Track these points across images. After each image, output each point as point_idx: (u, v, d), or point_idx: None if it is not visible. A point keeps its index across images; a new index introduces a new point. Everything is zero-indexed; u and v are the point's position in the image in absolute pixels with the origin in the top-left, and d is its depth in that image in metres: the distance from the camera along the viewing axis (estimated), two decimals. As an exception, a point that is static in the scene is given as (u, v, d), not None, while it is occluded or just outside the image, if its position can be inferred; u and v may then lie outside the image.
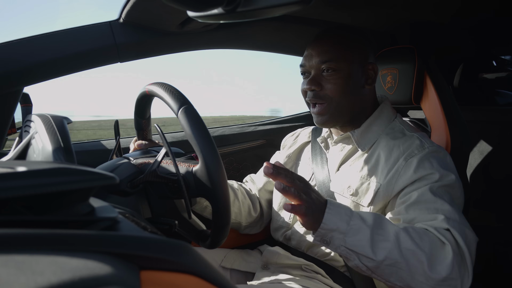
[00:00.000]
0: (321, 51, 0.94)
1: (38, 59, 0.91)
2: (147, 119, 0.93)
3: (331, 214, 0.72)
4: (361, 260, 0.73)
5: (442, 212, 0.79)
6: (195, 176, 0.71)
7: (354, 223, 0.73)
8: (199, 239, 0.80)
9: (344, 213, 0.74)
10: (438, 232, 0.75)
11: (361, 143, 0.97)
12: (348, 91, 0.94)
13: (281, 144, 1.24)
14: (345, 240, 0.72)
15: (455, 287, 0.73)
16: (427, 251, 0.72)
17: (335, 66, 0.93)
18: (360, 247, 0.72)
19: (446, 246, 0.74)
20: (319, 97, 0.95)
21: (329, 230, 0.72)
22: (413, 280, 0.72)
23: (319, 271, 0.95)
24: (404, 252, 0.72)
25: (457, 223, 0.77)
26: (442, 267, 0.72)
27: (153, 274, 0.31)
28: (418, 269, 0.72)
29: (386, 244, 0.72)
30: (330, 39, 0.96)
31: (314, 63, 0.95)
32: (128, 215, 0.50)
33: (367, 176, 0.92)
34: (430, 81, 1.14)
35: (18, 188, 0.31)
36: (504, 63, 2.00)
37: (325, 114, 0.96)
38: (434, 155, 0.88)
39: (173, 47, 1.14)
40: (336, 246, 0.74)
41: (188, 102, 0.71)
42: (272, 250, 1.04)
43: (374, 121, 0.98)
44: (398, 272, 0.72)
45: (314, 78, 0.95)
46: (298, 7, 0.42)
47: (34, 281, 0.22)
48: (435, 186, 0.83)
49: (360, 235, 0.72)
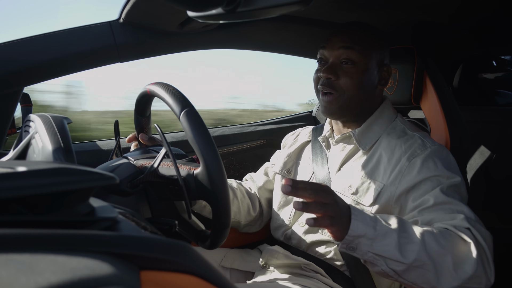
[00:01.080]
0: (345, 39, 0.93)
1: (38, 59, 0.91)
2: (147, 117, 0.93)
3: (357, 220, 0.70)
4: (388, 265, 0.72)
5: (460, 212, 0.79)
6: (196, 179, 0.71)
7: (380, 228, 0.71)
8: (198, 239, 0.80)
9: (369, 218, 0.72)
10: (459, 230, 0.75)
11: (362, 142, 0.97)
12: (362, 87, 0.94)
13: (282, 143, 1.24)
14: (372, 246, 0.71)
15: (480, 284, 0.73)
16: (452, 250, 0.72)
17: (356, 58, 0.92)
18: (388, 251, 0.71)
19: (469, 244, 0.74)
20: (332, 87, 0.94)
21: (356, 236, 0.70)
22: (439, 281, 0.71)
23: (318, 270, 0.95)
24: (430, 253, 0.71)
25: (475, 222, 0.78)
26: (467, 265, 0.72)
27: (153, 274, 0.31)
28: (444, 269, 0.71)
29: (413, 247, 0.71)
30: (356, 30, 0.96)
31: (335, 50, 0.94)
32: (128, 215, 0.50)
33: (368, 176, 0.92)
34: (429, 81, 1.14)
35: (18, 188, 0.31)
36: (504, 63, 2.00)
37: (333, 105, 0.95)
38: (437, 154, 0.88)
39: (173, 47, 1.14)
40: (363, 252, 0.72)
41: (190, 104, 0.71)
42: (271, 249, 1.04)
43: (375, 121, 0.99)
44: (425, 274, 0.71)
45: (332, 67, 0.94)
46: (298, 7, 0.42)
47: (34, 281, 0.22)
48: (444, 187, 0.83)
49: (388, 239, 0.71)
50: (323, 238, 0.97)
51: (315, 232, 0.99)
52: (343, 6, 1.07)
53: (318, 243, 0.98)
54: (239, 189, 1.15)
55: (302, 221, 1.02)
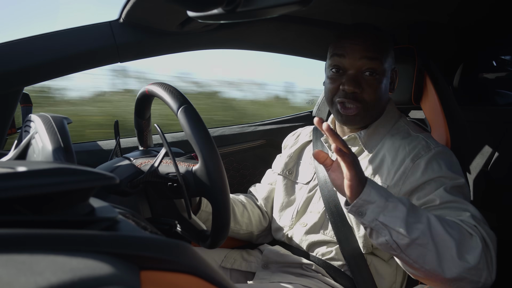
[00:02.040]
0: (368, 48, 0.89)
1: (38, 59, 0.91)
2: (147, 119, 0.93)
3: (372, 188, 0.73)
4: (392, 236, 0.73)
5: (466, 210, 0.80)
6: (195, 176, 0.71)
7: (392, 201, 0.73)
8: (199, 239, 0.80)
9: (383, 190, 0.74)
10: (466, 225, 0.76)
11: (368, 145, 0.97)
12: (381, 96, 0.93)
13: (282, 145, 1.24)
14: (380, 215, 0.73)
15: (480, 277, 0.73)
16: (456, 238, 0.72)
17: (377, 68, 0.90)
18: (395, 223, 0.72)
19: (474, 238, 0.74)
20: (357, 100, 0.90)
21: (367, 202, 0.72)
22: (440, 265, 0.72)
23: (319, 270, 0.95)
24: (434, 235, 0.72)
25: (481, 222, 0.78)
26: (471, 256, 0.72)
27: (153, 274, 0.31)
28: (446, 254, 0.72)
29: (419, 226, 0.72)
30: (374, 38, 0.91)
31: (357, 60, 0.89)
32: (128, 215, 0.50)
33: (372, 176, 0.92)
34: (430, 81, 1.14)
35: (18, 188, 0.31)
36: (504, 63, 2.00)
37: (356, 116, 0.93)
38: (441, 156, 0.88)
39: (173, 47, 1.14)
40: (370, 219, 0.73)
41: (187, 101, 0.71)
42: (272, 249, 1.04)
43: (381, 123, 0.98)
44: (427, 254, 0.72)
45: (355, 79, 0.90)
46: (298, 7, 0.42)
47: (34, 281, 0.22)
48: (448, 187, 0.83)
49: (397, 212, 0.72)
50: (324, 238, 0.97)
51: (316, 232, 0.99)
52: (343, 6, 1.07)
53: (319, 243, 0.98)
54: (247, 201, 1.14)
55: (304, 222, 1.02)
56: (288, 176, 1.12)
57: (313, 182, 1.04)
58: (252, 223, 1.12)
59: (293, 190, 1.10)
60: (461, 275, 0.72)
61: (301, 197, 1.05)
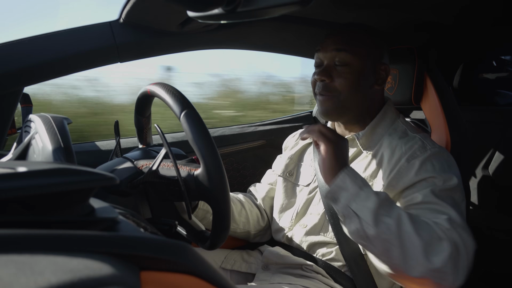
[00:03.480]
0: (337, 41, 0.94)
1: (38, 59, 0.91)
2: (147, 117, 0.93)
3: (347, 175, 0.77)
4: (362, 225, 0.74)
5: (445, 214, 0.79)
6: (197, 180, 0.71)
7: (366, 190, 0.76)
8: (198, 240, 0.80)
9: (360, 179, 0.78)
10: (439, 228, 0.75)
11: (366, 146, 0.97)
12: (357, 88, 0.94)
13: (283, 146, 1.24)
14: (351, 202, 0.76)
15: (444, 280, 0.72)
16: (424, 239, 0.72)
17: (349, 60, 0.93)
18: (364, 212, 0.74)
19: (444, 241, 0.73)
20: (328, 89, 0.95)
21: (341, 188, 0.77)
22: (405, 262, 0.72)
23: (319, 271, 0.95)
24: (402, 232, 0.73)
25: (458, 227, 0.77)
26: (437, 258, 0.72)
27: (153, 274, 0.31)
28: (411, 253, 0.72)
29: (388, 220, 0.74)
30: (347, 33, 0.96)
31: (328, 52, 0.95)
32: (128, 215, 0.50)
33: (369, 177, 0.92)
34: (430, 81, 1.14)
35: (18, 188, 0.31)
36: (504, 63, 2.00)
37: (329, 105, 0.95)
38: (436, 156, 0.88)
39: (173, 47, 1.14)
40: (343, 205, 0.77)
41: (190, 106, 0.71)
42: (272, 250, 1.04)
43: (378, 123, 0.98)
44: (392, 249, 0.73)
45: (326, 69, 0.95)
46: (298, 7, 0.42)
47: (34, 281, 0.22)
48: (437, 189, 0.83)
49: (368, 202, 0.75)
50: (324, 239, 0.97)
51: (316, 234, 0.99)
52: (342, 6, 1.07)
53: (319, 244, 0.98)
54: (246, 200, 1.15)
55: (303, 223, 1.02)
56: (288, 178, 1.12)
57: (313, 184, 1.04)
58: (250, 222, 1.12)
59: (293, 192, 1.10)
60: (424, 275, 0.72)
61: (301, 199, 1.05)
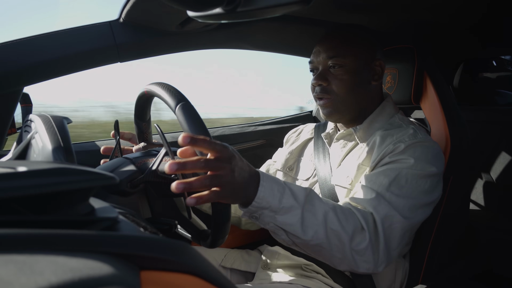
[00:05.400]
0: (328, 48, 0.97)
1: (38, 59, 0.91)
2: (147, 121, 0.93)
3: (264, 192, 0.67)
4: (288, 236, 0.74)
5: (380, 191, 0.81)
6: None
7: (286, 201, 0.70)
8: (199, 238, 0.80)
9: (277, 189, 0.70)
10: (362, 216, 0.78)
11: (363, 139, 0.99)
12: (354, 87, 0.96)
13: (284, 139, 1.24)
14: (275, 218, 0.71)
15: (367, 269, 0.78)
16: (350, 232, 0.75)
17: (342, 62, 0.95)
18: (290, 225, 0.72)
19: (364, 232, 0.77)
20: (326, 92, 0.97)
21: (260, 208, 0.69)
22: (332, 258, 0.76)
23: (319, 270, 0.96)
24: (329, 232, 0.73)
25: (387, 207, 0.79)
26: (359, 248, 0.76)
27: (153, 274, 0.31)
28: (339, 248, 0.75)
29: (314, 222, 0.73)
30: (337, 36, 0.98)
31: (321, 59, 0.98)
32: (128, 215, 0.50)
33: (362, 165, 0.94)
34: (429, 81, 1.14)
35: (18, 188, 0.31)
36: (504, 63, 2.00)
37: (330, 107, 0.98)
38: (423, 145, 0.88)
39: (173, 47, 1.14)
40: (265, 222, 0.72)
41: (185, 98, 0.72)
42: (272, 250, 1.04)
43: (375, 118, 1.00)
44: (321, 251, 0.76)
45: (322, 74, 0.98)
46: (298, 7, 0.42)
47: (34, 281, 0.22)
48: (404, 170, 0.84)
49: (292, 213, 0.71)
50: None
51: None
52: (342, 6, 1.07)
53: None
54: None
55: None
56: (288, 173, 1.12)
57: (313, 178, 1.05)
58: None
59: None
60: (349, 267, 0.78)
61: None
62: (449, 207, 1.06)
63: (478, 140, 1.68)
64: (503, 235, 1.55)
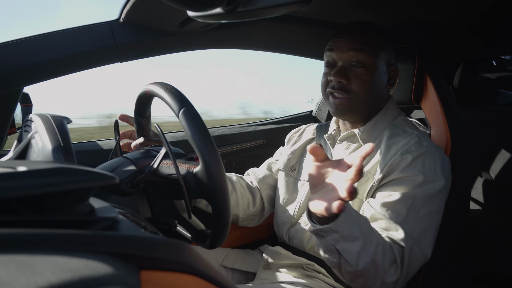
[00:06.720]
0: (354, 41, 0.92)
1: (38, 59, 0.91)
2: (147, 118, 0.93)
3: (344, 218, 0.70)
4: (341, 262, 0.76)
5: (406, 226, 0.83)
6: (196, 177, 0.71)
7: (354, 231, 0.73)
8: (198, 239, 0.80)
9: (352, 218, 0.73)
10: (397, 251, 0.81)
11: (367, 141, 0.98)
12: (373, 89, 0.95)
13: (286, 138, 1.23)
14: (339, 243, 0.73)
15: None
16: (386, 267, 0.78)
17: (366, 60, 0.92)
18: (348, 254, 0.74)
19: (397, 268, 0.81)
20: (344, 90, 0.93)
21: (333, 231, 0.71)
22: (356, 282, 0.80)
23: (320, 270, 0.95)
24: (372, 264, 0.76)
25: (412, 241, 0.82)
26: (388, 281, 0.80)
27: (153, 274, 0.31)
28: (372, 278, 0.78)
29: (367, 256, 0.75)
30: (363, 32, 0.95)
31: (344, 52, 0.93)
32: (128, 215, 0.50)
33: (368, 172, 0.93)
34: (430, 81, 1.14)
35: (18, 188, 0.31)
36: (504, 63, 2.00)
37: (345, 106, 0.95)
38: (430, 155, 0.88)
39: (173, 47, 1.14)
40: (328, 243, 0.74)
41: (189, 103, 0.71)
42: (273, 250, 1.04)
43: (379, 120, 0.99)
44: (355, 278, 0.79)
45: (343, 70, 0.93)
46: (298, 7, 0.42)
47: (34, 281, 0.22)
48: (418, 194, 0.85)
49: (355, 243, 0.73)
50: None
51: None
52: (343, 5, 1.07)
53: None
54: (238, 182, 1.14)
55: (305, 220, 1.02)
56: (290, 173, 1.12)
57: None
58: (239, 206, 1.12)
59: (295, 187, 1.10)
60: None
61: (302, 194, 1.05)
62: (450, 208, 1.06)
63: (478, 140, 1.68)
64: (503, 235, 1.55)
